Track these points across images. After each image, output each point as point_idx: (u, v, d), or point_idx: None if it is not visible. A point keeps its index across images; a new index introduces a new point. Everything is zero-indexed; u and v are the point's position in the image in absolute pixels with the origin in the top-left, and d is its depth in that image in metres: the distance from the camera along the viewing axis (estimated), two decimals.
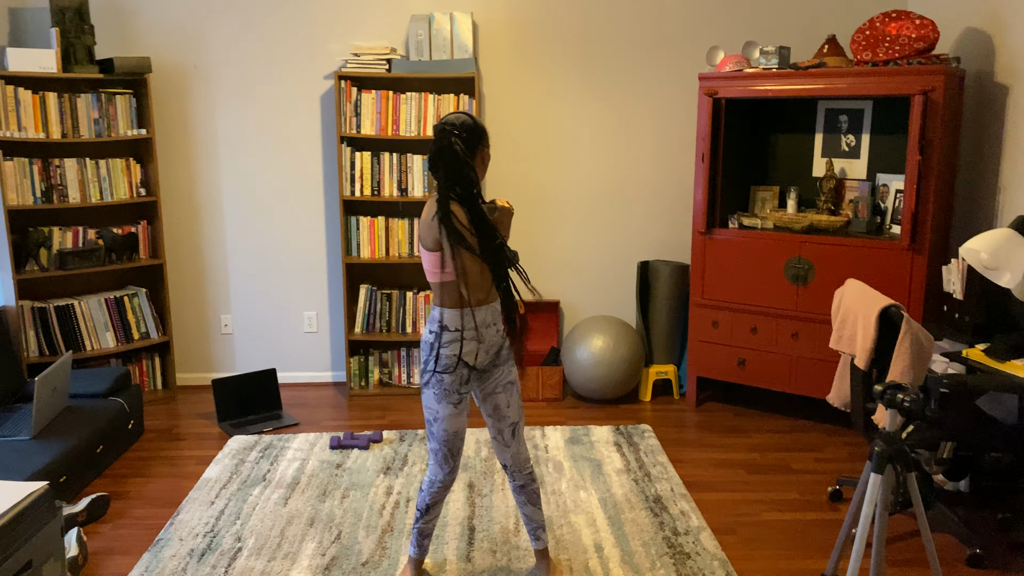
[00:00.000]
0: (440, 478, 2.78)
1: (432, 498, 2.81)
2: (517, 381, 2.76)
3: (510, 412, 2.75)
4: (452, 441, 2.72)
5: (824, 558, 3.13)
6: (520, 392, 2.79)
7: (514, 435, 2.77)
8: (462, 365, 2.64)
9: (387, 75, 4.60)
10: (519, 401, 2.78)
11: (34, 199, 4.37)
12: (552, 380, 4.80)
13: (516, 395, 2.75)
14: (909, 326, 2.94)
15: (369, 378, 4.98)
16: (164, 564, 3.09)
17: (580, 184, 4.97)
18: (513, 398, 2.74)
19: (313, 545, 3.22)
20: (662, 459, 3.97)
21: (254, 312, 5.04)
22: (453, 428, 2.70)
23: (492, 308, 2.68)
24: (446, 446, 2.72)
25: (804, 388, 4.29)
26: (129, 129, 4.60)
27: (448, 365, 2.62)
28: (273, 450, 4.11)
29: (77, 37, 4.40)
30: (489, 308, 2.67)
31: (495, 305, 2.69)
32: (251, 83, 4.79)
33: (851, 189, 4.43)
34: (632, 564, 3.07)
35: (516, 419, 2.77)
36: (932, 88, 3.76)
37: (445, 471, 2.76)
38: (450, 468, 2.77)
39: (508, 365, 2.74)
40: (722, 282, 4.45)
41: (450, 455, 2.74)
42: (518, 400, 2.77)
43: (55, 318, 4.50)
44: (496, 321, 2.69)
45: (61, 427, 3.73)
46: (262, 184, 4.91)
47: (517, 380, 2.77)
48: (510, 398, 2.73)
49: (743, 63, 4.34)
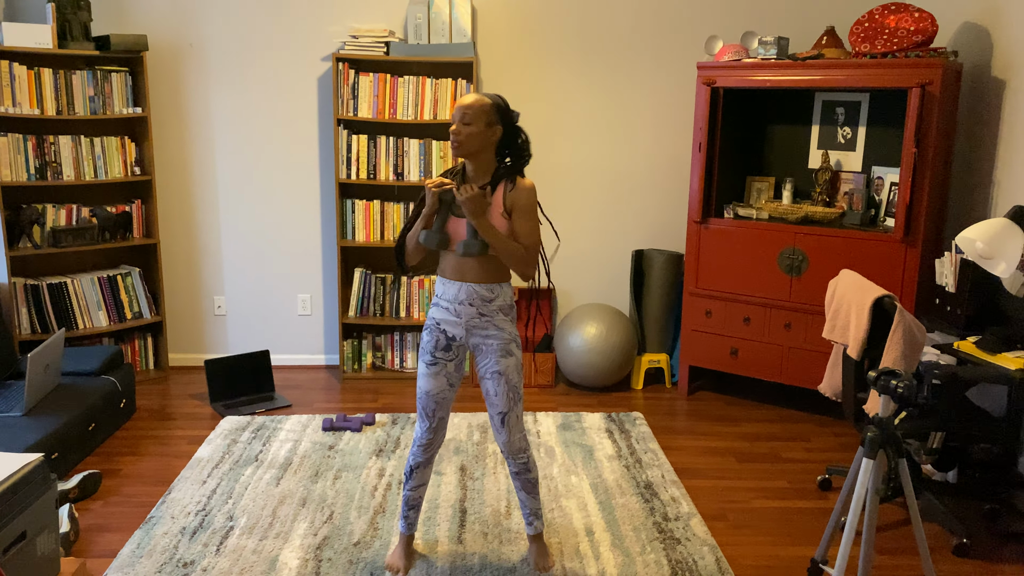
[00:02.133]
0: (418, 436, 2.88)
1: (413, 458, 2.90)
2: (507, 373, 2.73)
3: (497, 400, 2.77)
4: (424, 400, 2.82)
5: (813, 545, 3.16)
6: (512, 384, 2.75)
7: (503, 423, 2.78)
8: (437, 330, 2.76)
9: (385, 58, 4.58)
10: (507, 392, 2.75)
11: (28, 176, 4.35)
12: (545, 367, 4.81)
13: (503, 385, 2.74)
14: (902, 316, 2.96)
15: (362, 361, 4.98)
16: (156, 541, 3.09)
17: (576, 171, 4.97)
18: (500, 387, 2.74)
19: (305, 525, 3.23)
20: (653, 446, 3.99)
21: (248, 293, 5.03)
22: (424, 387, 2.81)
23: (467, 288, 2.70)
24: (420, 403, 2.84)
25: (796, 378, 4.32)
26: (124, 107, 4.57)
27: (427, 324, 2.80)
28: (265, 431, 4.11)
29: (73, 13, 4.37)
30: (464, 287, 2.70)
31: (474, 286, 2.70)
32: (248, 63, 4.77)
33: (846, 181, 4.45)
34: (622, 548, 3.09)
35: (503, 408, 2.77)
36: (929, 81, 3.78)
37: (422, 428, 2.86)
38: (426, 427, 2.84)
39: (496, 355, 2.73)
40: (716, 272, 4.47)
41: (424, 413, 2.84)
42: (505, 390, 2.74)
43: (48, 296, 4.48)
44: (473, 302, 2.70)
45: (53, 404, 3.73)
46: (258, 165, 4.89)
47: (507, 372, 2.73)
48: (497, 387, 2.75)
49: (741, 53, 4.35)
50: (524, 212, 2.66)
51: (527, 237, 2.66)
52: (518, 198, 2.65)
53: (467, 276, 2.71)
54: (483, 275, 2.69)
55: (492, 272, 2.70)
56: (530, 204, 2.66)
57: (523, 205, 2.65)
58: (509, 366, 2.74)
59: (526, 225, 2.66)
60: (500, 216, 2.65)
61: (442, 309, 2.76)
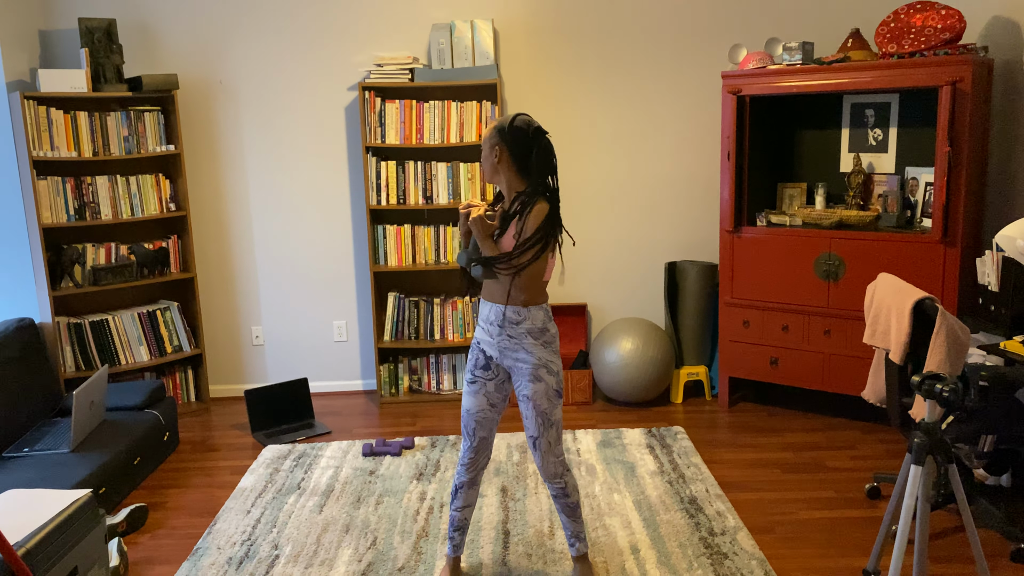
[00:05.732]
0: (461, 453, 2.89)
1: (458, 477, 2.90)
2: (535, 398, 2.70)
3: (528, 424, 2.76)
4: (465, 418, 2.85)
5: (863, 555, 3.09)
6: (541, 410, 2.71)
7: (535, 447, 2.77)
8: (478, 349, 2.82)
9: (410, 84, 4.63)
10: (535, 417, 2.72)
11: (67, 217, 4.45)
12: (582, 383, 4.79)
13: (532, 410, 2.71)
14: (944, 318, 2.91)
15: (399, 385, 5.00)
16: (203, 572, 3.12)
17: (605, 186, 4.96)
18: (529, 412, 2.73)
19: (349, 552, 3.23)
20: (696, 460, 3.94)
21: (284, 323, 5.09)
22: (465, 405, 2.84)
23: (497, 309, 2.71)
24: (462, 421, 2.86)
25: (838, 386, 4.25)
26: (158, 145, 4.67)
27: (472, 343, 2.85)
28: (307, 459, 4.13)
29: (106, 56, 4.48)
30: (494, 308, 2.71)
31: (501, 307, 2.70)
32: (276, 96, 4.85)
33: (879, 183, 4.39)
34: (669, 565, 3.05)
35: (533, 434, 2.75)
36: (960, 78, 3.72)
37: (465, 446, 2.87)
38: (468, 446, 2.86)
39: (524, 378, 2.71)
40: (752, 281, 4.42)
41: (465, 431, 2.86)
42: (534, 415, 2.72)
43: (90, 333, 4.57)
44: (502, 324, 2.70)
45: (99, 440, 3.79)
46: (289, 196, 4.96)
47: (535, 397, 2.70)
48: (527, 411, 2.74)
49: (766, 60, 4.32)
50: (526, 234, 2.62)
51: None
52: (525, 224, 2.61)
53: (496, 297, 2.72)
54: (510, 297, 2.69)
55: (519, 294, 2.68)
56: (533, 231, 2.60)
57: (527, 228, 2.60)
58: (537, 391, 2.70)
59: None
60: (512, 239, 2.63)
61: (482, 329, 2.79)
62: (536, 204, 2.61)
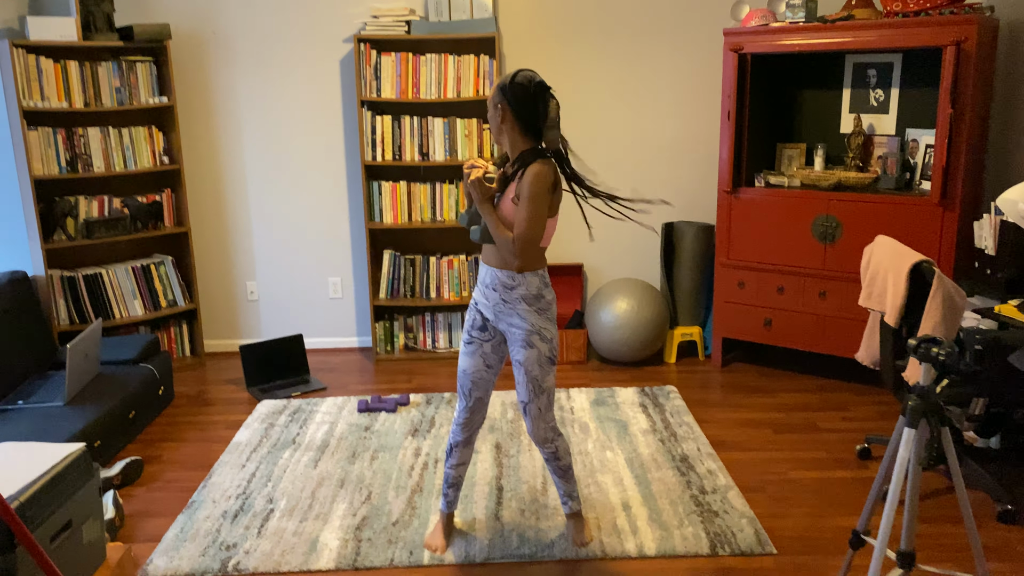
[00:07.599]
0: (457, 412, 2.89)
1: (453, 436, 2.92)
2: (526, 364, 2.69)
3: (519, 389, 2.76)
4: (461, 378, 2.85)
5: (853, 515, 3.13)
6: (532, 376, 2.70)
7: (526, 412, 2.77)
8: (475, 309, 2.80)
9: (406, 37, 4.55)
10: (526, 383, 2.71)
11: (59, 169, 4.39)
12: (576, 343, 4.80)
13: (523, 376, 2.71)
14: (941, 282, 2.90)
15: (395, 343, 5.00)
16: (198, 525, 3.14)
17: (603, 145, 4.92)
18: (521, 377, 2.73)
19: (344, 506, 3.26)
20: (688, 419, 3.96)
21: (279, 278, 5.07)
22: (462, 365, 2.84)
23: (493, 273, 2.69)
24: (458, 380, 2.86)
25: (832, 347, 4.26)
26: (150, 97, 4.60)
27: (470, 303, 2.85)
28: (302, 414, 4.15)
29: (96, 4, 4.38)
30: (490, 271, 2.70)
31: (496, 272, 2.68)
32: (270, 48, 4.76)
33: (880, 145, 4.36)
34: (660, 522, 3.08)
35: (524, 399, 2.75)
36: (964, 38, 3.67)
37: (460, 406, 2.88)
38: (463, 407, 2.86)
39: (517, 344, 2.70)
40: (748, 242, 4.41)
41: (460, 391, 2.86)
42: (525, 381, 2.71)
43: (84, 286, 4.55)
44: (496, 287, 2.68)
45: (93, 393, 3.79)
46: (284, 150, 4.90)
47: (526, 363, 2.69)
48: (519, 376, 2.74)
49: (769, 17, 4.25)
50: (522, 199, 2.54)
51: (517, 226, 2.55)
52: (521, 185, 2.54)
53: (491, 261, 2.70)
54: (505, 261, 2.66)
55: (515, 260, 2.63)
56: (530, 192, 2.51)
57: (522, 192, 2.54)
58: (529, 358, 2.69)
59: (519, 214, 2.54)
60: (511, 202, 2.58)
61: (479, 291, 2.77)
62: (533, 165, 2.54)
